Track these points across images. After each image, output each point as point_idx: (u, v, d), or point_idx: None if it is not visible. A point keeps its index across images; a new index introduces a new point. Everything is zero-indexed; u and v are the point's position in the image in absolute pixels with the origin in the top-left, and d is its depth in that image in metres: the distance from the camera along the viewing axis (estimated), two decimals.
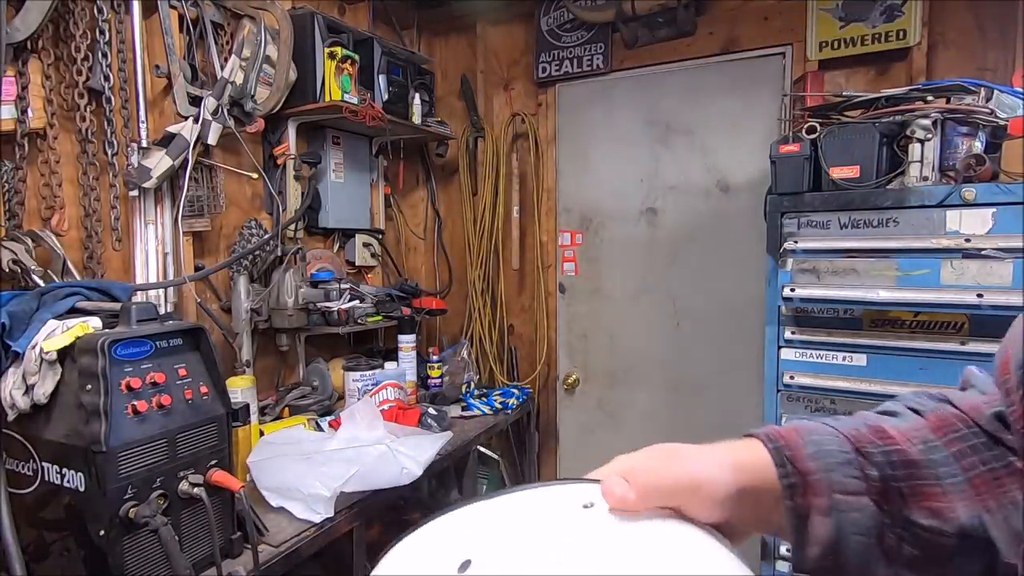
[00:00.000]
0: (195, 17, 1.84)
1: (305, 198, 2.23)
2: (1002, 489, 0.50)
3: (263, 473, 1.50)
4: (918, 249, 1.47)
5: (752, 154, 2.34)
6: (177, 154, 1.71)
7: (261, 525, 1.38)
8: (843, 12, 2.12)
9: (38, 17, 1.46)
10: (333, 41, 2.12)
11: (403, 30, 2.82)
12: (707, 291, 2.49)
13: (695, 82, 2.47)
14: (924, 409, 0.57)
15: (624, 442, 2.08)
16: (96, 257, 1.66)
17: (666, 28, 2.43)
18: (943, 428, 0.54)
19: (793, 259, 1.62)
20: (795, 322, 1.65)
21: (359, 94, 2.18)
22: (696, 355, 2.53)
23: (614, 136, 2.64)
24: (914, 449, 0.52)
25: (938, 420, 0.55)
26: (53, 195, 1.58)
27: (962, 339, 1.46)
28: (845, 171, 1.56)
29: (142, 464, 1.13)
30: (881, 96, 1.58)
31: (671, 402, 2.60)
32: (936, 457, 0.52)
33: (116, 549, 1.10)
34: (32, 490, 1.17)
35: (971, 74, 1.88)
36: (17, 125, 1.48)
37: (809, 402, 1.64)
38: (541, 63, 2.68)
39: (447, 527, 0.43)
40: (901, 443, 0.53)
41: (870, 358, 1.57)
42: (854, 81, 2.17)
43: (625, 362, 2.68)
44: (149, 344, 1.20)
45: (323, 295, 2.13)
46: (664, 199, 2.57)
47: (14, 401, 1.16)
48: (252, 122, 1.96)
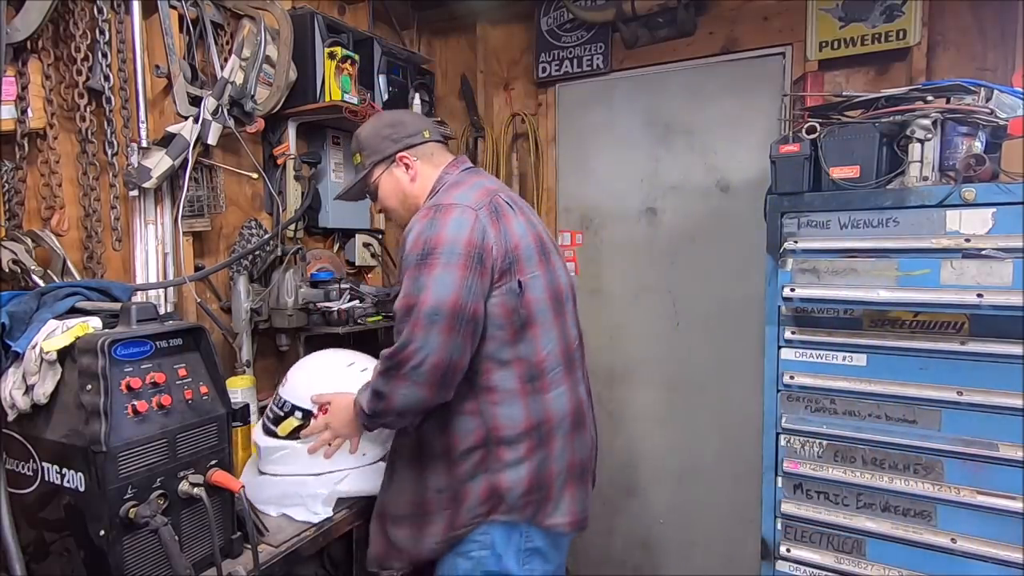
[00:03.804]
0: (195, 17, 1.84)
1: (305, 198, 2.22)
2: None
3: (257, 490, 1.51)
4: (918, 249, 1.47)
5: (752, 154, 2.34)
6: (177, 154, 1.71)
7: (261, 525, 1.38)
8: (843, 12, 2.12)
9: (38, 17, 1.46)
10: (333, 41, 2.12)
11: (403, 30, 2.82)
12: (707, 291, 2.49)
13: (695, 82, 2.47)
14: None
15: (624, 441, 2.07)
16: (96, 257, 1.66)
17: (666, 28, 2.43)
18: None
19: (793, 259, 1.62)
20: (795, 322, 1.65)
21: (359, 94, 2.18)
22: (696, 355, 2.53)
23: (614, 136, 2.64)
24: None
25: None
26: (53, 195, 1.58)
27: (962, 339, 1.46)
28: (845, 171, 1.56)
29: (142, 464, 1.13)
30: (881, 96, 1.58)
31: (671, 402, 2.60)
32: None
33: (116, 549, 1.10)
34: (32, 490, 1.17)
35: (971, 74, 1.88)
36: (17, 125, 1.48)
37: (809, 402, 1.64)
38: (541, 63, 2.68)
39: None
40: None
41: (870, 358, 1.57)
42: (854, 81, 2.17)
43: (625, 362, 2.68)
44: (149, 344, 1.20)
45: (323, 295, 2.13)
46: (664, 199, 2.57)
47: (14, 401, 1.16)
48: (252, 122, 1.95)
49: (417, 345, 1.24)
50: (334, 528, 1.49)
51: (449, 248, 1.27)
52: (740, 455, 2.41)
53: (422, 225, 1.31)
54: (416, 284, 1.26)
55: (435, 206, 1.34)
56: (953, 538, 1.47)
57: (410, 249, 1.30)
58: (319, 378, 1.60)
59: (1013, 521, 1.42)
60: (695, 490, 2.57)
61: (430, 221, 1.31)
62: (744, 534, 2.37)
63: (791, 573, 1.68)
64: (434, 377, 1.25)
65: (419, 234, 1.30)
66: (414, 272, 1.27)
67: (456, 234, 1.28)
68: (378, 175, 1.53)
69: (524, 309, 1.35)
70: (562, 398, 1.41)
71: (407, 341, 1.25)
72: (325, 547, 1.51)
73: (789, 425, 1.65)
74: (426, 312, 1.23)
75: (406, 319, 1.26)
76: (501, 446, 1.34)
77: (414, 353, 1.24)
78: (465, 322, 1.26)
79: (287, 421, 1.55)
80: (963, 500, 1.46)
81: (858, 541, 1.59)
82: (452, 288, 1.25)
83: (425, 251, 1.28)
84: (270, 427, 1.58)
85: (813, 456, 1.64)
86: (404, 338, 1.26)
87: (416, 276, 1.27)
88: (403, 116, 1.64)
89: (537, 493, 1.37)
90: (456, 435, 1.35)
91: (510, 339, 1.34)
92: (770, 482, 1.70)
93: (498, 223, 1.34)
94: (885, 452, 1.55)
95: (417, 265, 1.27)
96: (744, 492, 2.39)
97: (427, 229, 1.30)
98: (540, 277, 1.39)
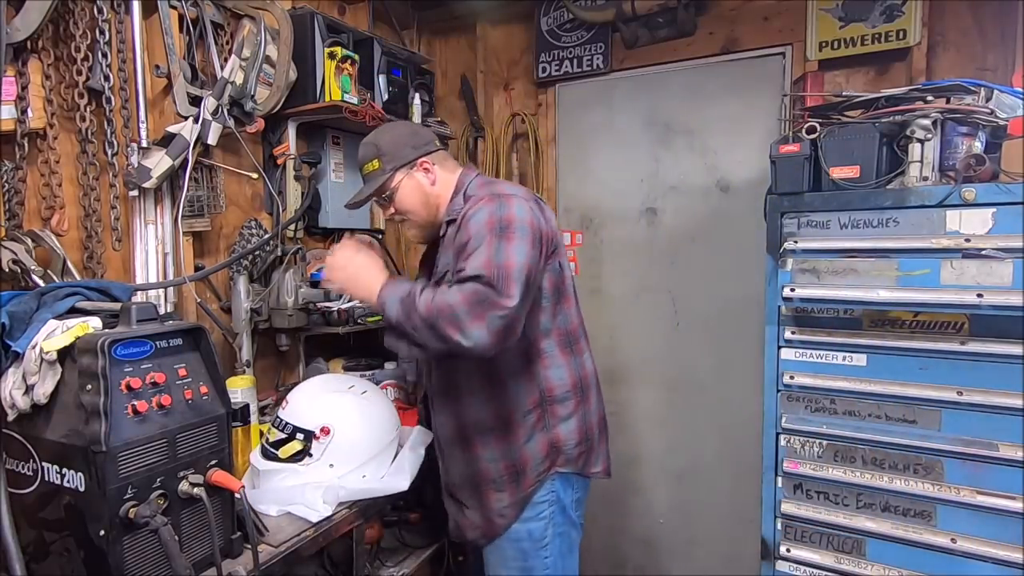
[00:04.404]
0: (195, 17, 1.84)
1: (305, 198, 2.22)
2: None
3: (258, 495, 1.50)
4: (918, 249, 1.47)
5: (752, 154, 2.34)
6: (177, 154, 1.71)
7: (261, 525, 1.38)
8: (843, 12, 2.12)
9: (38, 17, 1.46)
10: (333, 41, 2.12)
11: (403, 30, 2.82)
12: (707, 291, 2.49)
13: (695, 82, 2.47)
14: None
15: (624, 441, 2.06)
16: (96, 257, 1.66)
17: (666, 28, 2.43)
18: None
19: (793, 259, 1.62)
20: (795, 322, 1.65)
21: (359, 94, 2.18)
22: (696, 355, 2.53)
23: (614, 136, 2.64)
24: None
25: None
26: (53, 195, 1.58)
27: (962, 339, 1.46)
28: (845, 171, 1.56)
29: (142, 464, 1.13)
30: (881, 96, 1.58)
31: (671, 401, 2.60)
32: None
33: (116, 549, 1.10)
34: (32, 490, 1.17)
35: (971, 74, 1.88)
36: (17, 125, 1.48)
37: (809, 402, 1.64)
38: (541, 63, 2.68)
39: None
40: None
41: (870, 358, 1.57)
42: (854, 81, 2.17)
43: (625, 362, 2.68)
44: (149, 344, 1.20)
45: (323, 295, 2.13)
46: (664, 199, 2.57)
47: (14, 401, 1.16)
48: (252, 122, 1.96)
49: (511, 300, 1.32)
50: (334, 528, 1.49)
51: (520, 225, 1.40)
52: (740, 455, 2.40)
53: (491, 207, 1.43)
54: (499, 251, 1.36)
55: (495, 195, 1.47)
56: (953, 538, 1.47)
57: (484, 225, 1.40)
58: (320, 401, 1.60)
59: (1013, 521, 1.42)
60: (695, 490, 2.57)
61: (498, 204, 1.43)
62: (744, 534, 2.36)
63: (791, 573, 1.68)
64: (506, 331, 1.33)
65: (491, 213, 1.41)
66: (494, 241, 1.37)
67: (523, 215, 1.43)
68: (399, 180, 1.59)
69: (562, 285, 1.57)
70: (588, 360, 1.65)
71: (502, 292, 1.32)
72: (325, 547, 1.51)
73: (789, 425, 1.65)
74: (515, 274, 1.34)
75: (495, 278, 1.33)
76: (554, 404, 1.55)
77: (505, 304, 1.31)
78: (533, 289, 1.42)
79: (289, 444, 1.55)
80: (963, 500, 1.46)
81: (858, 541, 1.60)
82: (528, 258, 1.38)
83: (501, 226, 1.39)
84: (270, 451, 1.56)
85: (813, 456, 1.64)
86: (501, 290, 1.32)
87: (497, 245, 1.37)
88: (415, 127, 1.80)
89: (585, 444, 1.59)
90: (514, 402, 1.51)
91: (553, 310, 1.55)
92: (770, 482, 1.70)
93: (543, 213, 1.52)
94: (885, 452, 1.55)
95: (497, 236, 1.38)
96: (744, 492, 2.39)
97: (498, 210, 1.42)
98: (566, 261, 1.62)
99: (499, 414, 1.52)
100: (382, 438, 1.64)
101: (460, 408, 1.55)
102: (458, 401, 1.55)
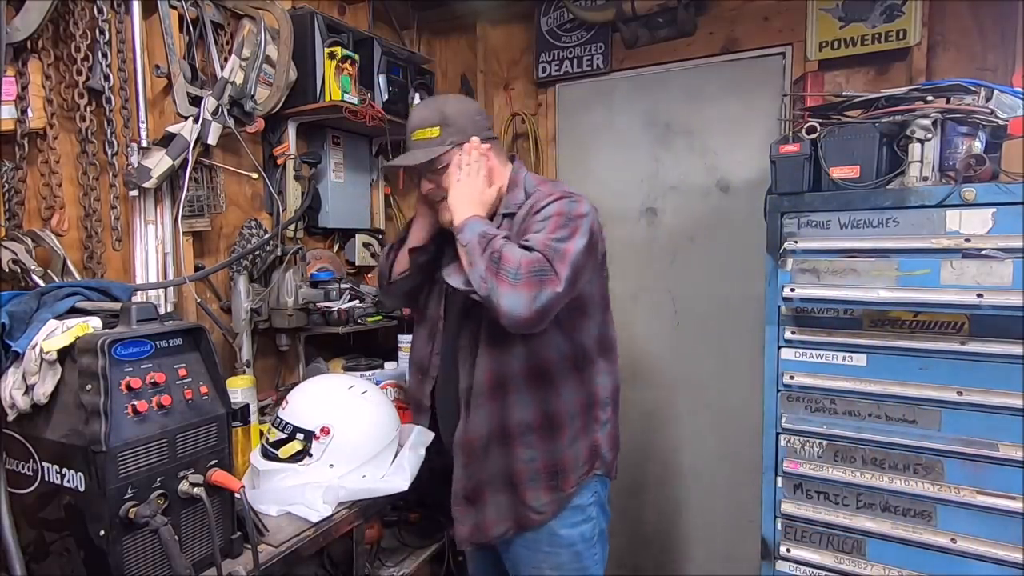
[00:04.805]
0: (195, 17, 1.84)
1: (305, 198, 2.22)
2: None
3: (258, 495, 1.50)
4: (918, 249, 1.48)
5: (752, 154, 2.34)
6: (177, 154, 1.71)
7: (261, 525, 1.38)
8: (843, 12, 2.12)
9: (38, 17, 1.46)
10: (333, 41, 2.12)
11: (403, 30, 2.82)
12: (707, 291, 2.49)
13: (695, 82, 2.47)
14: None
15: (623, 440, 2.07)
16: (96, 257, 1.66)
17: (666, 28, 2.43)
18: None
19: (793, 259, 1.62)
20: (795, 322, 1.65)
21: (359, 94, 2.18)
22: (696, 355, 2.53)
23: (614, 136, 2.64)
24: None
25: None
26: (53, 195, 1.58)
27: (962, 339, 1.46)
28: (845, 171, 1.57)
29: (142, 464, 1.13)
30: (881, 96, 1.58)
31: (671, 401, 2.60)
32: None
33: (116, 549, 1.09)
34: (32, 490, 1.17)
35: (971, 74, 1.88)
36: (17, 125, 1.48)
37: (809, 402, 1.64)
38: (541, 63, 2.68)
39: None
40: None
41: (870, 358, 1.57)
42: (854, 81, 2.17)
43: (625, 361, 2.66)
44: (149, 344, 1.20)
45: (323, 295, 2.13)
46: (664, 199, 2.57)
47: (14, 401, 1.16)
48: (252, 122, 1.95)
49: (561, 284, 1.33)
50: (334, 528, 1.49)
51: (585, 225, 1.43)
52: (740, 455, 2.40)
53: (564, 202, 1.45)
54: (560, 238, 1.38)
55: (567, 192, 1.49)
56: (953, 538, 1.47)
57: (553, 214, 1.43)
58: (320, 400, 1.60)
59: (1013, 521, 1.42)
60: (695, 490, 2.57)
61: (570, 200, 1.46)
62: (744, 534, 2.37)
63: (791, 573, 1.68)
64: (544, 313, 1.33)
65: (562, 206, 1.44)
66: (558, 229, 1.39)
67: (589, 218, 1.45)
68: (458, 156, 1.52)
69: (607, 295, 1.63)
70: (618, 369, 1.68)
71: (557, 272, 1.34)
72: (325, 547, 1.51)
73: (789, 425, 1.65)
74: (570, 261, 1.36)
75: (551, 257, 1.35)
76: (598, 409, 1.57)
77: (556, 284, 1.33)
78: (576, 286, 1.41)
79: (289, 444, 1.54)
80: (963, 500, 1.46)
81: (858, 541, 1.60)
82: (582, 255, 1.40)
83: (568, 218, 1.42)
84: (270, 451, 1.56)
85: (813, 456, 1.64)
86: (556, 269, 1.34)
87: (560, 232, 1.39)
88: (480, 107, 1.72)
89: (616, 449, 1.63)
90: (563, 404, 1.51)
91: (601, 318, 1.60)
92: (770, 482, 1.70)
93: (598, 224, 1.52)
94: (885, 452, 1.55)
95: (561, 226, 1.40)
96: (744, 492, 2.39)
97: (568, 205, 1.44)
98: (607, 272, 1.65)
99: (546, 415, 1.50)
100: (382, 438, 1.63)
101: (505, 408, 1.50)
102: (504, 400, 1.50)
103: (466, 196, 1.48)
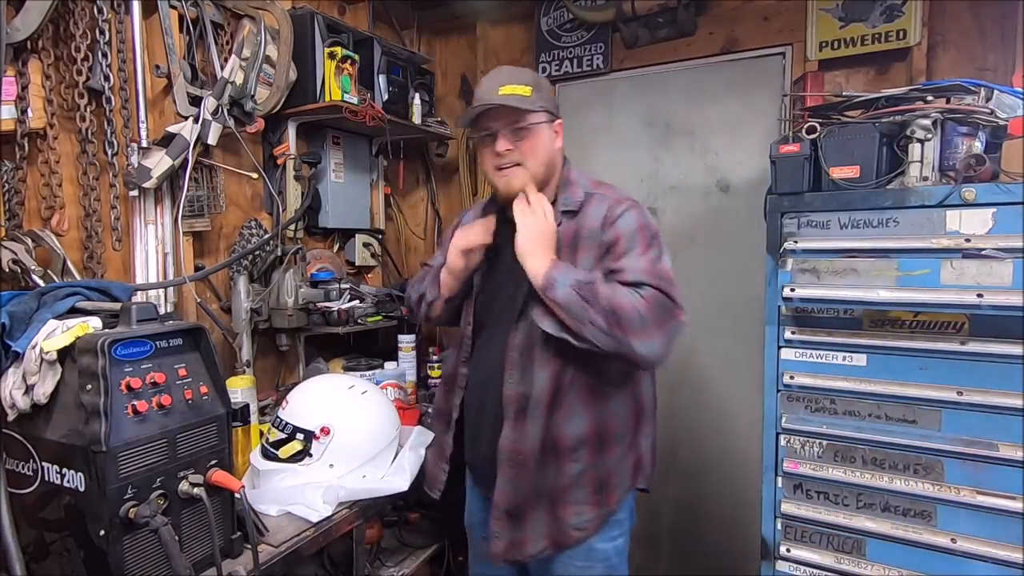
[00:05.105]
0: (195, 17, 1.84)
1: (305, 198, 2.23)
2: None
3: (258, 495, 1.50)
4: (918, 249, 1.47)
5: (752, 154, 2.34)
6: (177, 154, 1.71)
7: (261, 525, 1.38)
8: (843, 12, 2.12)
9: (38, 17, 1.46)
10: (333, 41, 2.12)
11: (403, 30, 2.82)
12: (707, 291, 2.49)
13: (695, 82, 2.47)
14: None
15: None
16: (96, 257, 1.66)
17: (666, 28, 2.43)
18: None
19: (793, 259, 1.62)
20: (795, 322, 1.65)
21: (359, 94, 2.18)
22: (696, 354, 2.53)
23: (614, 136, 2.64)
24: None
25: None
26: (53, 195, 1.58)
27: (962, 339, 1.46)
28: (845, 171, 1.56)
29: (142, 464, 1.13)
30: (881, 96, 1.58)
31: (671, 401, 2.59)
32: None
33: (116, 549, 1.10)
34: (32, 490, 1.17)
35: (971, 74, 1.88)
36: (17, 125, 1.48)
37: (809, 402, 1.64)
38: (541, 63, 2.68)
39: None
40: None
41: (870, 358, 1.57)
42: (854, 81, 2.17)
43: None
44: (149, 344, 1.20)
45: (323, 295, 2.13)
46: (664, 199, 2.57)
47: (14, 401, 1.16)
48: (252, 122, 1.96)
49: (682, 312, 1.34)
50: (334, 528, 1.49)
51: (661, 237, 1.43)
52: (740, 455, 2.40)
53: (638, 212, 1.44)
54: (657, 259, 1.38)
55: (630, 198, 1.49)
56: (953, 538, 1.47)
57: (636, 228, 1.41)
58: (320, 401, 1.60)
59: (1013, 521, 1.42)
60: (695, 489, 2.57)
61: (641, 211, 1.46)
62: (744, 534, 2.36)
63: (791, 573, 1.68)
64: (674, 343, 1.34)
65: (639, 218, 1.43)
66: (648, 250, 1.39)
67: (657, 227, 1.46)
68: (543, 122, 1.50)
69: None
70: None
71: (676, 303, 1.34)
72: (325, 547, 1.51)
73: (789, 425, 1.65)
74: (675, 280, 1.36)
75: (666, 288, 1.33)
76: (644, 422, 1.56)
77: (680, 315, 1.34)
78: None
79: (289, 444, 1.54)
80: (963, 500, 1.46)
81: (858, 541, 1.60)
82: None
83: (651, 233, 1.42)
84: (270, 451, 1.56)
85: (813, 456, 1.64)
86: (675, 299, 1.34)
87: (653, 253, 1.38)
88: None
89: (655, 461, 1.63)
90: (614, 418, 1.48)
91: None
92: (770, 482, 1.70)
93: None
94: (885, 452, 1.55)
95: (648, 244, 1.39)
96: (744, 492, 2.39)
97: (643, 217, 1.45)
98: None
99: (598, 429, 1.46)
100: (382, 438, 1.64)
101: (555, 422, 1.43)
102: (553, 415, 1.43)
103: (536, 239, 1.40)
